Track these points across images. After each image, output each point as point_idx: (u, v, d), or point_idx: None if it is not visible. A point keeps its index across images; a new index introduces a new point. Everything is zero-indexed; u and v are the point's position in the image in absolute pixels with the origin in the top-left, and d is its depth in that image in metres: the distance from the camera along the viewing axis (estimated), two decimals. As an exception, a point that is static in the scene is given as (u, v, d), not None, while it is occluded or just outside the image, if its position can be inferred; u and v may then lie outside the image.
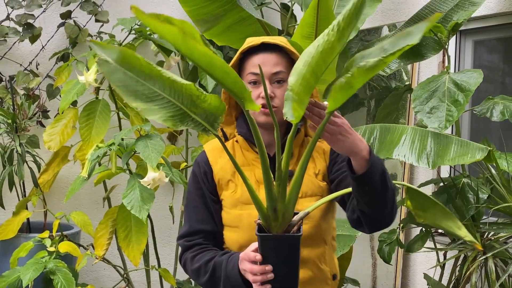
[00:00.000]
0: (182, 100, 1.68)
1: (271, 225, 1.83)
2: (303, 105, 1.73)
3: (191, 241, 2.17)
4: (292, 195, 1.82)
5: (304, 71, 1.68)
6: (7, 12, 4.40)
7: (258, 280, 1.84)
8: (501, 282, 3.08)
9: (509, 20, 3.92)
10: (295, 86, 1.70)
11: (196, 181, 2.21)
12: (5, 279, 3.56)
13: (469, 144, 3.17)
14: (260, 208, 1.82)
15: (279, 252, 1.84)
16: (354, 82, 1.61)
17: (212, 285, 2.07)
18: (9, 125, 3.92)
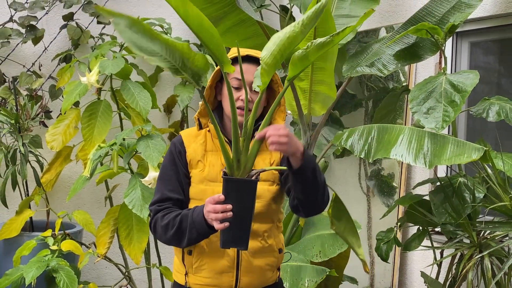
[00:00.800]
0: (174, 59, 2.02)
1: (234, 173, 2.17)
2: (269, 75, 2.12)
3: (161, 205, 2.42)
4: (253, 150, 2.17)
5: (273, 49, 2.07)
6: (10, 14, 4.40)
7: (219, 217, 2.12)
8: (497, 280, 3.08)
9: (504, 22, 3.92)
10: (265, 58, 2.08)
11: (172, 158, 2.47)
12: (9, 277, 3.56)
13: (465, 144, 3.17)
14: (227, 158, 2.16)
15: (238, 193, 2.14)
16: (310, 54, 2.08)
17: (178, 236, 2.32)
18: (12, 125, 3.92)
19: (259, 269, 2.43)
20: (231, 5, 3.55)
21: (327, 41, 2.03)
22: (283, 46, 2.06)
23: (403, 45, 3.84)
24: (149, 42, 1.96)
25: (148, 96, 3.98)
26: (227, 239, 2.18)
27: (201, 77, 2.11)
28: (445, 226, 3.43)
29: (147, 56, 1.99)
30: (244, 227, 2.17)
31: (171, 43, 1.97)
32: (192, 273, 2.42)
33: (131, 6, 4.91)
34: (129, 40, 1.96)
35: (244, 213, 2.15)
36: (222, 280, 2.39)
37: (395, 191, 4.54)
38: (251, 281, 2.42)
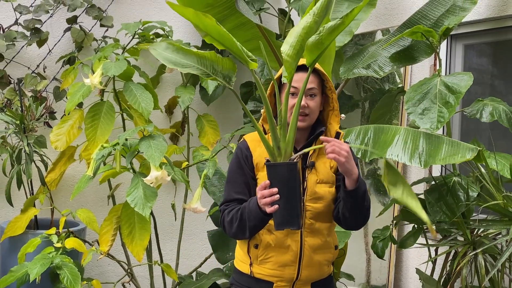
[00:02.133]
0: (206, 67, 2.31)
1: (276, 160, 2.32)
2: (293, 65, 2.29)
3: (228, 205, 2.57)
4: (290, 136, 2.32)
5: (292, 41, 2.25)
6: (15, 17, 4.39)
7: (268, 201, 2.27)
8: (490, 276, 3.07)
9: (497, 25, 3.92)
10: (286, 51, 2.26)
11: (238, 161, 2.62)
12: (14, 274, 3.56)
13: (459, 144, 3.17)
14: (268, 146, 2.33)
15: (281, 177, 2.26)
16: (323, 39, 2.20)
17: (241, 228, 2.47)
18: (18, 126, 3.92)
19: (318, 263, 2.58)
20: (231, 9, 3.55)
21: (337, 24, 2.17)
22: (300, 37, 2.23)
23: (398, 47, 3.85)
24: (183, 58, 2.32)
25: (150, 97, 3.98)
26: (279, 221, 2.30)
27: (231, 77, 2.34)
28: (440, 224, 3.43)
29: (181, 68, 2.30)
30: (293, 208, 2.27)
31: (201, 54, 2.30)
32: (257, 264, 2.56)
33: (133, 10, 4.91)
34: (165, 59, 2.31)
35: (291, 195, 2.26)
36: (285, 272, 2.53)
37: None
38: (310, 274, 2.57)
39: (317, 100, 2.53)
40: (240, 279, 2.64)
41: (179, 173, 3.77)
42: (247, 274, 2.60)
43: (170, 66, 2.30)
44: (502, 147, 3.73)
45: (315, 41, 2.20)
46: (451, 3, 3.70)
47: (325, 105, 2.62)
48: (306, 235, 2.51)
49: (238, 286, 2.65)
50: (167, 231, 4.99)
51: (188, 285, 4.10)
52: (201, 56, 2.30)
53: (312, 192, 2.51)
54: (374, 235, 3.84)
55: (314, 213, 2.51)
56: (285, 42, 2.26)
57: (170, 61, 2.30)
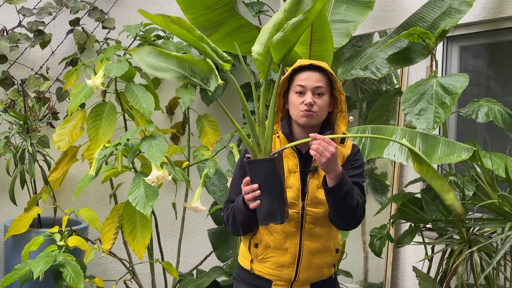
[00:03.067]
0: (185, 69, 2.27)
1: (256, 156, 2.33)
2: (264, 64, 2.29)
3: (227, 205, 2.59)
4: (269, 133, 2.33)
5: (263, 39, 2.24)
6: (19, 20, 4.39)
7: (250, 197, 2.28)
8: (486, 274, 3.07)
9: (493, 27, 3.93)
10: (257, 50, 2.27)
11: (241, 163, 2.58)
12: (17, 272, 3.55)
13: (455, 144, 3.17)
14: (247, 144, 2.33)
15: (260, 173, 2.27)
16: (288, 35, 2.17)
17: (235, 225, 2.52)
18: (21, 126, 3.92)
19: (316, 266, 2.56)
20: (231, 11, 3.54)
21: (301, 20, 2.13)
22: (271, 35, 2.21)
23: (395, 49, 3.85)
24: (163, 62, 2.27)
25: (151, 98, 3.97)
26: (262, 216, 2.30)
27: (209, 78, 2.32)
28: (436, 223, 3.43)
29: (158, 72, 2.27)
30: (275, 203, 2.27)
31: (180, 57, 2.27)
32: (257, 262, 2.57)
33: (134, 12, 4.89)
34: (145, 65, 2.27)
35: (272, 190, 2.26)
36: (283, 273, 2.53)
37: (388, 189, 4.54)
38: (309, 276, 2.55)
39: (325, 99, 2.47)
40: (242, 275, 2.66)
41: (180, 172, 3.77)
42: (248, 270, 2.61)
43: (150, 72, 2.29)
44: (497, 147, 3.73)
45: (280, 38, 2.18)
46: (447, 6, 3.70)
47: (333, 107, 2.56)
48: (305, 238, 2.50)
49: (240, 281, 2.66)
50: (168, 230, 4.99)
51: (188, 282, 4.10)
52: (180, 59, 2.28)
53: (312, 197, 2.48)
54: (371, 233, 3.84)
55: (313, 217, 2.49)
56: (257, 41, 2.26)
57: (150, 65, 2.27)
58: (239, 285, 2.66)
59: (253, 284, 2.60)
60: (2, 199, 4.33)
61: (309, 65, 2.49)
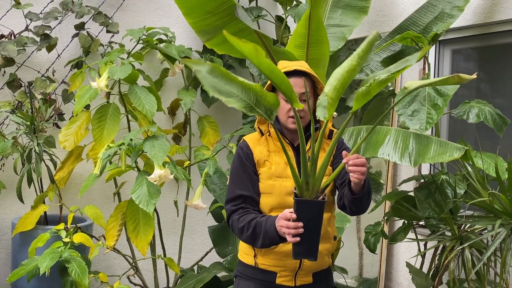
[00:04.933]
0: (249, 98, 2.17)
1: (304, 194, 2.27)
2: (333, 107, 2.22)
3: (235, 205, 2.56)
4: (320, 173, 2.27)
5: (335, 84, 2.17)
6: (26, 24, 4.39)
7: (292, 232, 2.24)
8: (477, 270, 3.07)
9: (483, 31, 3.93)
10: (329, 93, 2.19)
11: (241, 159, 2.60)
12: (24, 267, 3.55)
13: (447, 144, 3.17)
14: (297, 181, 2.27)
15: (308, 212, 2.24)
16: (372, 90, 2.15)
17: (253, 239, 2.46)
18: (28, 126, 3.91)
19: (319, 253, 2.51)
20: (231, 16, 3.54)
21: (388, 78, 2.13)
22: (343, 80, 2.17)
23: (389, 52, 3.85)
24: (227, 84, 2.15)
25: (154, 100, 3.97)
26: (299, 251, 2.28)
27: (273, 111, 2.24)
28: (429, 220, 3.42)
29: (225, 98, 2.13)
30: (314, 241, 2.26)
31: (246, 84, 2.15)
32: (261, 255, 2.57)
33: (137, 16, 4.90)
34: (209, 85, 2.14)
35: (314, 229, 2.25)
36: (288, 263, 2.53)
37: (382, 187, 4.54)
38: (312, 264, 2.55)
39: (310, 103, 2.51)
40: (245, 271, 2.65)
41: (181, 171, 3.77)
42: (252, 266, 2.60)
43: (215, 95, 2.13)
44: (487, 146, 3.73)
45: (364, 91, 2.17)
46: (440, 10, 3.70)
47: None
48: None
49: (242, 277, 2.65)
50: (170, 227, 4.98)
51: (189, 278, 4.10)
52: (245, 86, 2.16)
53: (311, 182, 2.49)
54: (366, 230, 3.83)
55: None
56: (328, 84, 2.20)
57: (215, 88, 2.14)
58: (242, 281, 2.65)
59: (258, 279, 2.60)
60: (9, 197, 4.33)
61: (293, 71, 2.53)
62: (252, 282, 2.61)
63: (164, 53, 4.41)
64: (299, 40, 3.65)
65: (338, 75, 2.18)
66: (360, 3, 4.09)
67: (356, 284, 4.70)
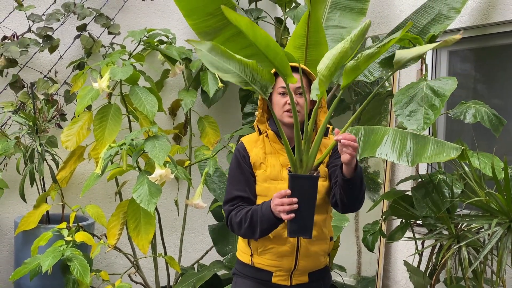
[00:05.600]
0: (246, 74, 2.26)
1: (298, 171, 2.33)
2: (325, 85, 2.25)
3: (233, 205, 2.56)
4: (314, 150, 2.34)
5: (328, 63, 2.21)
6: (28, 25, 4.39)
7: (287, 209, 2.26)
8: (473, 268, 3.07)
9: (480, 32, 3.93)
10: (322, 71, 2.23)
11: (237, 161, 2.61)
12: (27, 266, 3.55)
13: (444, 144, 3.17)
14: (291, 158, 2.34)
15: (302, 188, 2.26)
16: (360, 64, 2.19)
17: (251, 229, 2.45)
18: (31, 127, 3.91)
19: (314, 254, 2.58)
20: (231, 17, 3.53)
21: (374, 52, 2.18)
22: (336, 60, 2.21)
23: (387, 53, 3.84)
24: (225, 62, 2.25)
25: (155, 100, 3.97)
26: (294, 228, 2.30)
27: (268, 88, 2.34)
28: (426, 219, 3.42)
29: (221, 73, 2.24)
30: (308, 218, 2.28)
31: (243, 61, 2.24)
32: (258, 255, 2.57)
33: (138, 18, 4.90)
34: (208, 62, 2.24)
35: (308, 205, 2.27)
36: (283, 263, 2.53)
37: (380, 187, 4.54)
38: (307, 264, 2.56)
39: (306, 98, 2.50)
40: (243, 269, 2.65)
41: (182, 171, 3.77)
42: (249, 264, 2.61)
43: (213, 70, 2.25)
44: (484, 146, 3.73)
45: (352, 65, 2.21)
46: (437, 12, 3.70)
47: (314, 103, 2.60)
48: None
49: (240, 275, 2.66)
50: (171, 226, 4.98)
51: (190, 276, 4.10)
52: (243, 63, 2.25)
53: None
54: (364, 229, 3.83)
55: None
56: (321, 62, 2.24)
57: (213, 64, 2.24)
58: (240, 279, 2.66)
59: (254, 277, 2.60)
60: (12, 196, 4.33)
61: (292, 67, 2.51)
62: (249, 280, 2.62)
63: (165, 54, 4.41)
64: (298, 42, 3.64)
65: (331, 55, 2.22)
66: (359, 5, 4.08)
67: (354, 282, 4.70)
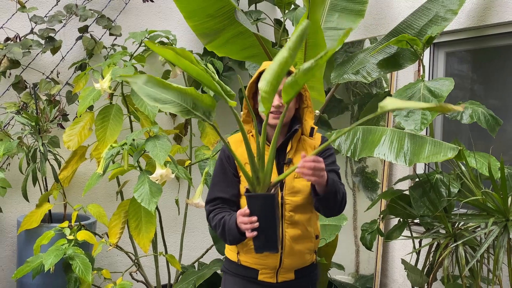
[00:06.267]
0: (186, 102, 2.16)
1: (256, 189, 2.27)
2: (270, 101, 2.17)
3: (212, 206, 2.57)
4: (268, 167, 2.26)
5: (269, 78, 2.10)
6: (31, 27, 4.39)
7: (248, 227, 2.25)
8: (470, 266, 3.07)
9: (476, 34, 3.93)
10: (264, 87, 2.13)
11: (221, 162, 2.60)
12: (30, 264, 3.55)
13: (441, 144, 3.17)
14: (247, 176, 2.27)
15: (260, 207, 2.24)
16: (299, 79, 2.09)
17: (222, 236, 2.48)
18: (33, 127, 3.91)
19: (299, 252, 2.57)
20: (231, 19, 3.54)
21: (312, 66, 2.06)
22: (276, 73, 2.11)
23: (385, 54, 3.85)
24: (163, 92, 2.14)
25: (156, 101, 3.97)
26: (258, 245, 2.29)
27: (211, 113, 2.24)
28: (423, 218, 3.42)
29: (161, 105, 2.14)
30: (271, 234, 2.25)
31: (182, 90, 2.15)
32: (243, 253, 2.58)
33: (140, 20, 4.90)
34: (145, 95, 2.12)
35: (269, 223, 2.24)
36: (268, 261, 2.53)
37: (378, 186, 4.54)
38: (292, 263, 2.55)
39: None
40: (230, 267, 2.67)
41: (182, 171, 3.76)
42: (236, 262, 2.62)
43: (151, 103, 2.15)
44: (481, 146, 3.73)
45: (290, 82, 2.13)
46: (434, 14, 3.70)
47: (300, 103, 2.60)
48: (286, 226, 2.51)
49: (228, 273, 2.68)
50: (171, 225, 4.98)
51: (190, 274, 4.10)
52: (182, 91, 2.17)
53: (290, 187, 2.51)
54: (362, 228, 3.83)
55: (293, 206, 2.51)
56: (262, 79, 2.15)
57: (151, 97, 2.14)
58: (228, 277, 2.68)
59: (241, 275, 2.61)
60: (15, 195, 4.33)
61: None
62: (237, 277, 2.64)
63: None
64: (297, 43, 3.64)
65: (271, 70, 2.13)
66: (357, 6, 4.09)
67: (352, 281, 4.71)
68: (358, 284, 4.61)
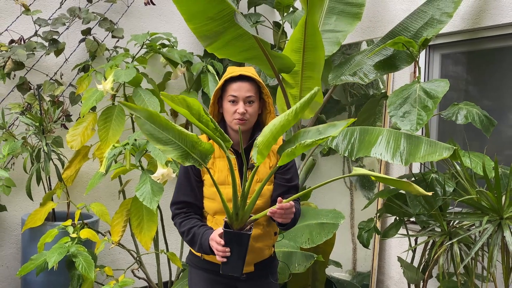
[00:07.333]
0: (186, 144, 2.26)
1: (233, 223, 2.38)
2: (264, 155, 2.30)
3: (178, 209, 2.66)
4: (249, 207, 2.38)
5: (268, 136, 2.24)
6: (35, 29, 4.38)
7: (220, 254, 2.38)
8: (465, 264, 3.07)
9: (471, 36, 3.93)
10: (261, 143, 2.26)
11: (185, 168, 2.63)
12: (34, 262, 3.55)
13: (437, 144, 3.17)
14: (227, 212, 2.37)
15: (235, 242, 2.37)
16: (296, 151, 2.23)
17: (191, 245, 2.60)
18: (37, 127, 3.91)
19: (259, 249, 2.67)
20: (230, 21, 3.53)
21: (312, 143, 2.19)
22: (275, 131, 2.24)
23: (382, 56, 3.84)
24: (164, 131, 2.23)
25: (157, 102, 3.97)
26: (225, 269, 2.43)
27: (207, 157, 2.33)
28: (419, 217, 3.42)
29: (162, 146, 2.22)
30: (239, 262, 2.40)
31: (183, 132, 2.23)
32: None
33: (141, 22, 4.90)
34: (147, 132, 2.21)
35: (239, 254, 2.39)
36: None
37: (375, 185, 4.54)
38: (252, 258, 2.62)
39: (255, 106, 2.58)
40: (194, 260, 2.74)
41: (183, 170, 3.76)
42: (199, 257, 2.70)
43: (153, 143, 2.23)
44: (475, 146, 3.73)
45: (289, 152, 2.24)
46: (429, 17, 3.70)
47: (263, 109, 2.66)
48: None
49: (193, 266, 2.75)
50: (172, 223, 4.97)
51: (191, 271, 4.09)
52: (182, 133, 2.25)
53: (252, 191, 2.52)
54: (359, 226, 3.83)
55: (254, 208, 2.51)
56: (262, 134, 2.27)
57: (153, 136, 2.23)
58: (194, 270, 2.75)
59: (205, 268, 2.69)
60: (19, 194, 4.32)
61: (239, 75, 2.57)
62: (200, 270, 2.72)
63: (167, 57, 4.41)
64: (296, 45, 3.65)
65: (272, 127, 2.24)
66: (354, 9, 4.09)
67: (350, 278, 4.70)
68: (355, 281, 4.61)
